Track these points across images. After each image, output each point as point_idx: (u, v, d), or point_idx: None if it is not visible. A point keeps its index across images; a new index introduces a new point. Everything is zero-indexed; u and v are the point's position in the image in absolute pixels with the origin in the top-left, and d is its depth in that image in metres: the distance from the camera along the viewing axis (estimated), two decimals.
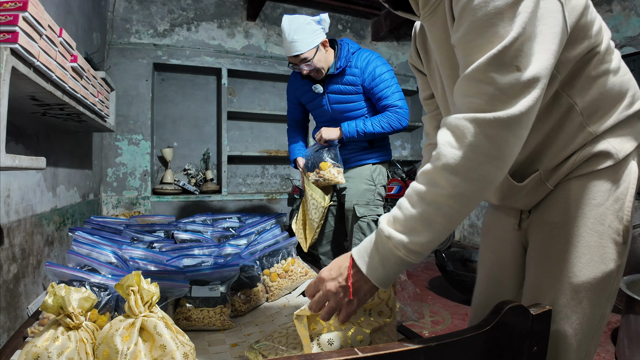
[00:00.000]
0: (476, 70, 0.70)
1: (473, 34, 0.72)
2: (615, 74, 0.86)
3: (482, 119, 0.69)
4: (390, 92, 1.98)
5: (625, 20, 3.84)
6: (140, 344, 0.83)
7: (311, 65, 1.95)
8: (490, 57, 0.69)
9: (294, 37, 1.88)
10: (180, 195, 4.07)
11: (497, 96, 0.68)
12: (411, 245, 0.75)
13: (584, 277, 0.84)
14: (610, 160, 0.84)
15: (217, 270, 1.40)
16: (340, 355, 0.66)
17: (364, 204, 2.11)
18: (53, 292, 0.85)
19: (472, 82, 0.71)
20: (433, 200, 0.73)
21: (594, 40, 0.81)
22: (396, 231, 0.76)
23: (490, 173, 0.71)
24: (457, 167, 0.70)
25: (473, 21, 0.72)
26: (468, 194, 0.72)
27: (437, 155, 0.73)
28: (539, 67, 0.70)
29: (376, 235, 0.80)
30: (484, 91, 0.69)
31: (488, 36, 0.70)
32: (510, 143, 0.70)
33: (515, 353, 0.78)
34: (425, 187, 0.74)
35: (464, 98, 0.73)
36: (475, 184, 0.71)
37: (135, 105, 3.92)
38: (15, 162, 0.98)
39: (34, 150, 1.73)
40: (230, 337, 1.29)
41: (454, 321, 2.79)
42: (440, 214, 0.73)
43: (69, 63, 1.37)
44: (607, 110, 0.85)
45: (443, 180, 0.72)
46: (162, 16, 4.09)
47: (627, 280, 2.28)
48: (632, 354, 2.03)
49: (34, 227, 1.69)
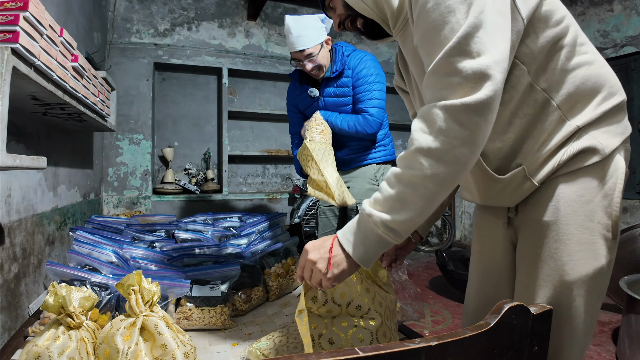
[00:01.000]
0: (439, 64, 0.75)
1: (431, 33, 0.77)
2: (591, 66, 0.87)
3: (451, 105, 0.72)
4: (368, 97, 1.98)
5: (626, 19, 3.83)
6: (141, 343, 0.83)
7: (315, 61, 1.96)
8: (450, 48, 0.73)
9: (301, 32, 1.91)
10: (181, 195, 4.07)
11: (462, 83, 0.72)
12: (390, 223, 0.79)
13: (577, 274, 0.85)
14: (596, 157, 0.85)
15: (217, 270, 1.40)
16: (341, 354, 0.66)
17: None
18: (54, 292, 0.85)
19: (437, 76, 0.76)
20: (409, 181, 0.77)
21: (559, 31, 0.83)
22: (376, 210, 0.80)
23: (463, 155, 0.74)
24: (430, 150, 0.74)
25: (429, 22, 0.77)
26: (442, 175, 0.75)
27: (411, 140, 0.78)
28: (498, 51, 0.73)
29: (359, 216, 0.85)
30: (450, 81, 0.73)
31: (445, 32, 0.75)
32: (480, 126, 0.73)
33: (516, 352, 0.78)
34: (402, 169, 0.79)
35: (432, 92, 0.77)
36: (449, 166, 0.75)
37: (136, 105, 3.92)
38: (16, 162, 0.98)
39: (34, 150, 1.73)
40: (231, 336, 1.29)
41: (454, 320, 2.79)
42: (416, 194, 0.77)
43: (69, 63, 1.37)
44: (586, 103, 0.86)
45: (417, 162, 0.76)
46: (163, 16, 4.09)
47: (628, 280, 2.28)
48: (632, 353, 2.03)
49: (34, 226, 1.69)
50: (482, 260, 1.12)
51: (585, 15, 4.15)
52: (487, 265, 1.10)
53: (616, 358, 2.21)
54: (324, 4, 1.06)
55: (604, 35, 3.98)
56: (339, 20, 1.03)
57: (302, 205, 4.29)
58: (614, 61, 3.92)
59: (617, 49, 3.87)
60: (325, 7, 1.06)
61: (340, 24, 1.03)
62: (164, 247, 1.67)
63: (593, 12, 4.08)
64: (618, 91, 0.89)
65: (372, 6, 0.93)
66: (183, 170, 4.35)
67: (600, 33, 4.01)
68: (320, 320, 0.99)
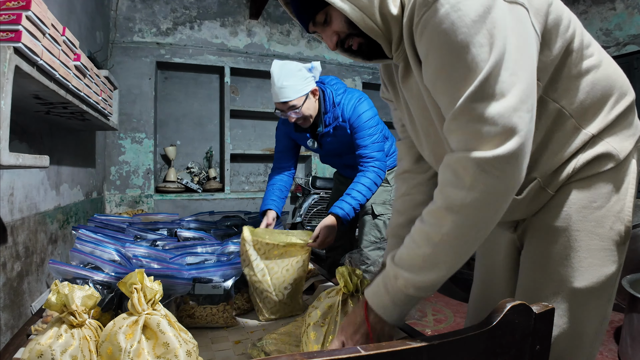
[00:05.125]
0: (462, 110, 0.69)
1: (446, 71, 0.71)
2: (598, 69, 0.84)
3: (483, 158, 0.67)
4: (370, 142, 1.88)
5: (628, 18, 3.81)
6: (144, 341, 0.83)
7: (299, 113, 1.84)
8: (472, 93, 0.67)
9: (284, 83, 1.78)
10: (184, 194, 4.07)
11: (491, 132, 0.67)
12: (420, 284, 0.76)
13: (586, 281, 0.84)
14: (612, 162, 0.83)
15: (220, 268, 1.40)
16: (343, 353, 0.66)
17: (380, 202, 2.12)
18: (56, 290, 0.85)
19: (461, 123, 0.70)
20: (441, 240, 0.73)
21: (568, 37, 0.79)
22: (403, 270, 0.77)
23: (499, 204, 0.71)
24: (464, 206, 0.70)
25: (443, 59, 0.71)
26: (477, 230, 0.72)
27: (441, 195, 0.73)
28: (523, 87, 0.68)
29: (384, 276, 0.82)
30: (476, 130, 0.68)
31: (463, 70, 0.69)
32: (515, 174, 0.69)
33: (517, 352, 0.78)
34: (430, 228, 0.74)
35: (457, 141, 0.72)
36: (484, 219, 0.71)
37: (138, 104, 3.93)
38: (19, 161, 0.98)
39: (37, 149, 1.73)
40: (233, 334, 1.29)
41: (456, 319, 2.78)
42: (449, 252, 0.73)
43: (72, 62, 1.38)
44: (599, 108, 0.84)
45: (448, 220, 0.71)
46: (165, 15, 4.10)
47: (630, 279, 2.27)
48: (634, 352, 2.02)
49: (37, 225, 1.70)
50: (485, 263, 1.11)
51: (587, 14, 4.14)
52: (488, 267, 1.09)
53: (618, 357, 2.20)
54: (314, 19, 0.87)
55: (607, 33, 3.96)
56: (337, 39, 0.87)
57: (304, 203, 4.29)
58: (617, 60, 3.88)
59: (620, 48, 3.85)
60: (315, 23, 0.87)
61: (339, 43, 0.88)
62: (166, 245, 1.67)
63: (595, 10, 4.07)
64: (628, 90, 0.88)
65: (381, 25, 0.82)
66: (185, 169, 4.36)
67: (602, 32, 3.99)
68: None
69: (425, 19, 0.71)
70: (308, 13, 0.86)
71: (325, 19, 0.86)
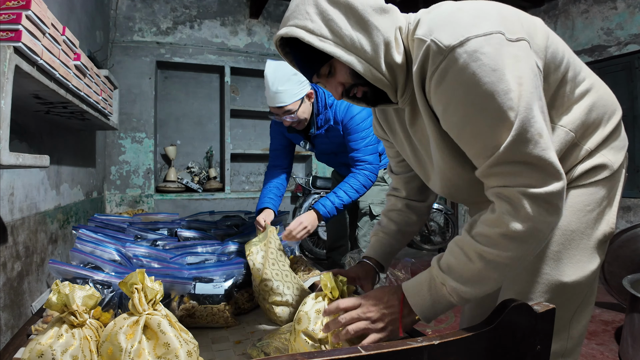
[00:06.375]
0: (506, 155, 0.74)
1: (475, 119, 0.76)
2: (591, 93, 0.90)
3: (535, 195, 0.74)
4: (363, 145, 1.87)
5: (630, 17, 3.81)
6: (144, 341, 0.83)
7: (294, 118, 1.81)
8: (514, 139, 0.72)
9: (279, 88, 1.74)
10: (184, 193, 4.07)
11: (538, 171, 0.74)
12: (465, 295, 0.82)
13: (575, 275, 0.90)
14: (606, 172, 0.90)
15: (220, 268, 1.40)
16: (344, 353, 0.66)
17: (378, 202, 2.12)
18: (57, 290, 0.85)
19: (506, 166, 0.76)
20: (493, 260, 0.79)
21: (563, 69, 0.85)
22: (451, 279, 0.82)
23: (546, 234, 0.78)
24: (517, 233, 0.76)
25: (467, 107, 0.75)
26: (526, 255, 0.79)
27: (498, 222, 0.78)
28: (543, 123, 0.74)
29: (429, 279, 0.87)
30: (524, 169, 0.75)
31: (494, 119, 0.73)
32: (561, 207, 0.77)
33: (518, 352, 0.78)
34: (485, 246, 0.79)
35: (504, 179, 0.77)
36: (533, 247, 0.79)
37: (138, 103, 3.93)
38: (19, 160, 0.98)
39: (37, 149, 1.73)
40: (234, 334, 1.29)
41: (456, 319, 2.78)
42: (497, 271, 0.80)
43: (72, 61, 1.37)
44: (597, 126, 0.90)
45: (502, 243, 0.78)
46: (165, 14, 4.09)
47: (631, 278, 2.27)
48: (635, 352, 2.02)
49: (37, 225, 1.70)
50: None
51: (588, 13, 4.13)
52: None
53: (619, 357, 2.20)
54: (319, 72, 0.88)
55: (608, 33, 3.96)
56: (342, 89, 0.89)
57: (305, 203, 4.29)
58: (618, 59, 3.90)
59: (621, 47, 3.85)
60: (319, 74, 0.89)
61: (344, 92, 0.90)
62: (166, 245, 1.67)
63: (597, 9, 4.06)
64: (617, 107, 0.94)
65: (387, 75, 0.84)
66: (185, 168, 4.36)
67: (604, 31, 3.99)
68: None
69: (442, 68, 0.74)
70: (312, 67, 0.87)
71: (330, 70, 0.88)
